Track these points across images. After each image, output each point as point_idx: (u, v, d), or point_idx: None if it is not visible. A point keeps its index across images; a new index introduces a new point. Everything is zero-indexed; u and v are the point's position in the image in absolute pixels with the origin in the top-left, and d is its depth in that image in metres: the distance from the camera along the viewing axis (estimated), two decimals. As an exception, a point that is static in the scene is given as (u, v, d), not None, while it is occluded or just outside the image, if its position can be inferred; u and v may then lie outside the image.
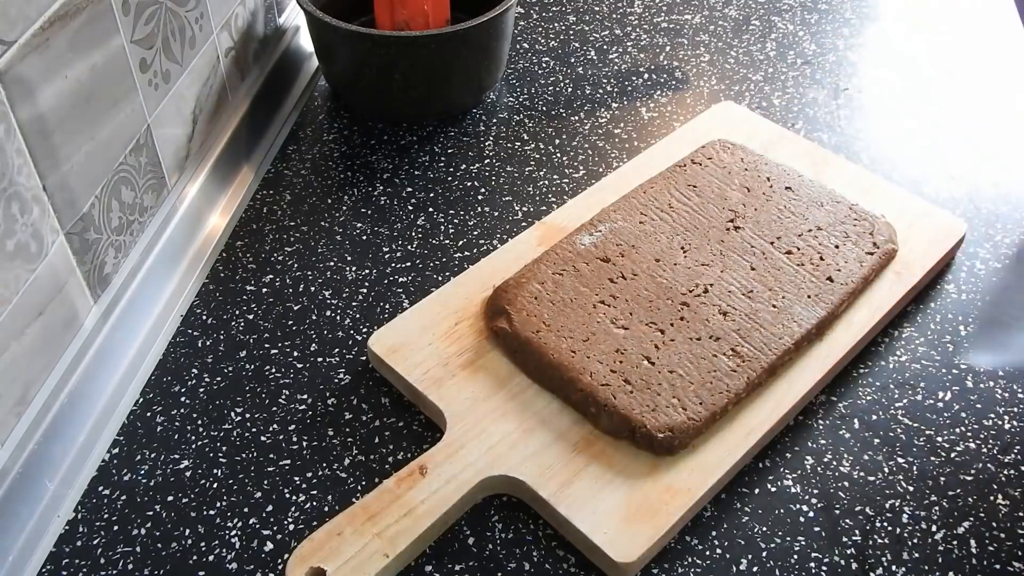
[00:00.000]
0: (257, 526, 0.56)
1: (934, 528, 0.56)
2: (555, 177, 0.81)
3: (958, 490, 0.58)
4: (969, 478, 0.59)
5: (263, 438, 0.61)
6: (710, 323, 0.63)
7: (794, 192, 0.74)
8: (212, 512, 0.57)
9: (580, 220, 0.72)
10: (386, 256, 0.74)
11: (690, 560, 0.55)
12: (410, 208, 0.78)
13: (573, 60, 0.95)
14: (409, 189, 0.80)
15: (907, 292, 0.68)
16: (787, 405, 0.61)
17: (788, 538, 0.56)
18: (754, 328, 0.63)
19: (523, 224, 0.76)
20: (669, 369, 0.61)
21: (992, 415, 0.63)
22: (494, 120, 0.87)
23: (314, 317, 0.69)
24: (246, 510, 0.57)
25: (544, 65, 0.94)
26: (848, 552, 0.56)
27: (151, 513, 0.57)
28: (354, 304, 0.70)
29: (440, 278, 0.72)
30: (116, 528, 0.56)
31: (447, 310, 0.66)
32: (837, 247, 0.69)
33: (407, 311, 0.66)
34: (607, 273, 0.67)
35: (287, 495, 0.58)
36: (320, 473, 0.59)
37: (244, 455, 0.60)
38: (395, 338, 0.64)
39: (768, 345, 0.62)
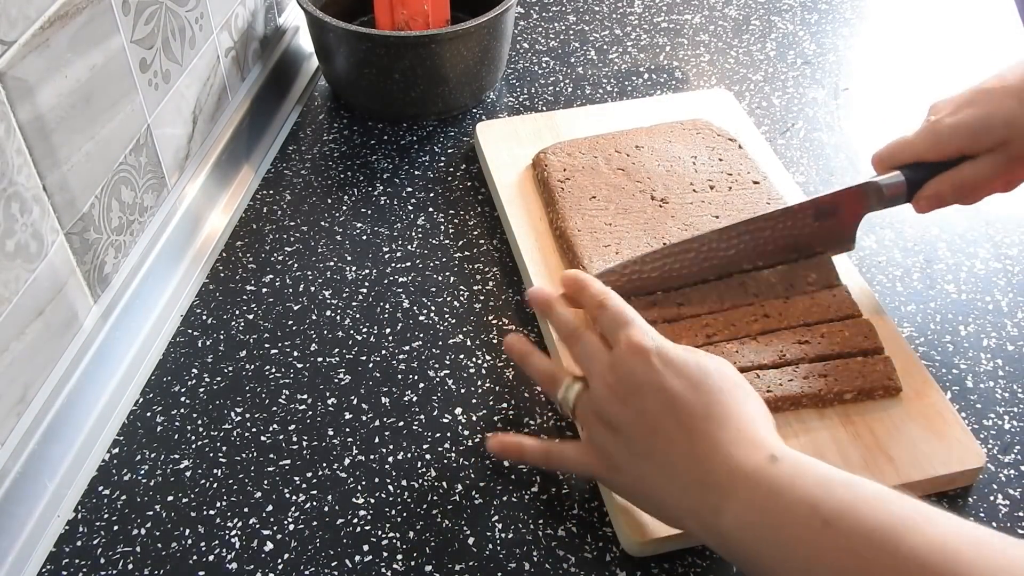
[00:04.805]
0: (257, 526, 0.56)
1: (934, 528, 0.56)
2: (555, 177, 0.81)
3: (958, 490, 0.58)
4: (969, 478, 0.59)
5: (263, 438, 0.61)
6: None
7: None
8: (212, 512, 0.57)
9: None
10: (386, 256, 0.74)
11: (690, 560, 0.55)
12: (410, 208, 0.78)
13: (573, 60, 0.95)
14: (409, 189, 0.80)
15: None
16: None
17: (788, 538, 0.56)
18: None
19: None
20: None
21: (992, 415, 0.63)
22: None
23: (314, 317, 0.69)
24: (246, 510, 0.57)
25: (544, 65, 0.94)
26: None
27: (151, 513, 0.57)
28: (354, 304, 0.70)
29: (440, 278, 0.72)
30: (116, 528, 0.56)
31: None
32: None
33: None
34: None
35: (287, 495, 0.58)
36: (320, 473, 0.59)
37: (244, 455, 0.60)
38: None
39: None
